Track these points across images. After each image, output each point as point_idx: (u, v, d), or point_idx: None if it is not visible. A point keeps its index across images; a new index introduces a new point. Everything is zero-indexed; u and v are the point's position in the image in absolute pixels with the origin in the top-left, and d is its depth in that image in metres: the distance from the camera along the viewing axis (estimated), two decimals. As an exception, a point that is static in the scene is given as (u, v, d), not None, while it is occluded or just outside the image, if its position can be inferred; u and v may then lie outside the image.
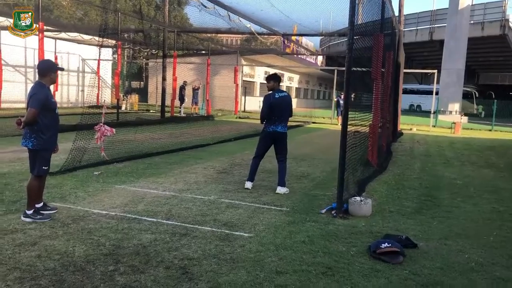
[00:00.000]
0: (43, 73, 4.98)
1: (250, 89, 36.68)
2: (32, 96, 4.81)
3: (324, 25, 25.34)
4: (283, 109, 6.96)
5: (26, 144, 4.92)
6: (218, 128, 16.29)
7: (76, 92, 27.81)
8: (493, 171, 10.35)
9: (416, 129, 23.21)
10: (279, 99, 6.93)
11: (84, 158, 8.14)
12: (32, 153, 4.97)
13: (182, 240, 4.52)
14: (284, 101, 6.98)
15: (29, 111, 4.75)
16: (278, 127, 6.97)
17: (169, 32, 20.61)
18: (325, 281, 3.72)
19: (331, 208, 5.96)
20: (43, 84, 4.95)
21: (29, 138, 4.88)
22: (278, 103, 6.90)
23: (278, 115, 6.92)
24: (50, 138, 4.97)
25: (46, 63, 5.24)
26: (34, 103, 4.75)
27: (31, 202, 4.95)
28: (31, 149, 4.92)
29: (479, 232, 5.40)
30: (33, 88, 4.91)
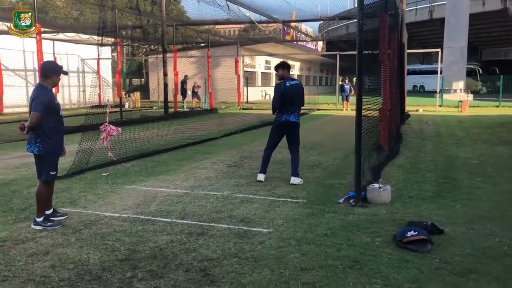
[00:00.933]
0: (46, 75, 4.78)
1: (251, 79, 36.42)
2: (34, 99, 4.61)
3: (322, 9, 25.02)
4: (295, 97, 6.76)
5: (32, 150, 4.72)
6: (223, 121, 16.09)
7: (78, 93, 27.62)
8: (508, 149, 10.12)
9: (423, 110, 22.95)
10: (291, 87, 6.72)
11: (91, 160, 7.97)
12: (39, 159, 4.78)
13: (199, 240, 4.35)
14: (296, 90, 6.77)
15: (33, 115, 4.55)
16: (290, 116, 6.78)
17: (168, 26, 20.34)
18: (353, 276, 3.53)
19: (349, 197, 5.78)
20: (44, 86, 4.74)
21: (34, 143, 4.68)
22: (290, 92, 6.70)
23: (290, 104, 6.72)
24: (56, 142, 4.78)
25: (50, 64, 5.04)
26: (37, 107, 4.55)
27: (40, 209, 4.78)
28: (37, 154, 4.73)
29: (505, 213, 5.20)
30: (34, 91, 4.72)
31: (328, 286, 3.37)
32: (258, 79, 39.64)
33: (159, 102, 27.72)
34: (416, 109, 22.95)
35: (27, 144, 4.79)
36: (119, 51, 15.26)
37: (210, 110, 23.34)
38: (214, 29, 34.29)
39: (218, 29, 40.13)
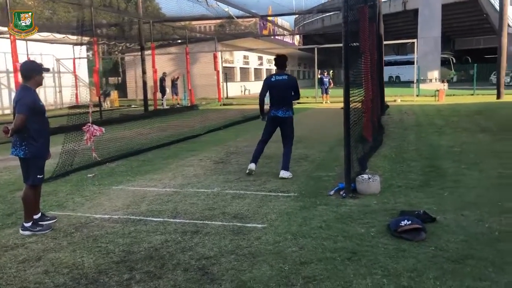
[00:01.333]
0: (27, 75, 4.62)
1: (230, 75, 36.28)
2: (18, 101, 4.47)
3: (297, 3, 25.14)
4: (282, 92, 6.79)
5: (17, 153, 4.58)
6: (205, 117, 15.99)
7: (54, 94, 27.05)
8: (488, 136, 10.32)
9: (401, 100, 23.27)
10: (276, 81, 6.80)
11: (75, 161, 7.80)
12: (25, 162, 4.63)
13: (194, 239, 4.31)
14: (281, 84, 6.80)
15: (17, 117, 4.41)
16: (278, 111, 6.84)
17: (144, 24, 20.06)
18: (353, 267, 3.55)
19: (339, 188, 5.81)
20: (28, 87, 4.60)
21: (20, 146, 4.54)
22: (275, 87, 6.78)
23: (277, 99, 6.79)
24: (42, 144, 4.64)
25: (29, 64, 4.86)
26: (22, 109, 4.41)
27: (28, 214, 4.65)
28: (23, 158, 4.59)
29: (492, 199, 5.30)
30: (18, 92, 4.61)
31: (329, 279, 3.37)
32: (237, 75, 39.53)
33: (138, 101, 27.39)
34: (394, 99, 23.24)
35: (11, 148, 4.65)
36: (96, 50, 14.96)
37: (190, 106, 23.17)
38: (191, 25, 33.97)
39: (194, 25, 39.77)
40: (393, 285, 3.25)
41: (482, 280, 3.26)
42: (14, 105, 4.53)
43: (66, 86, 27.22)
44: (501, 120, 13.42)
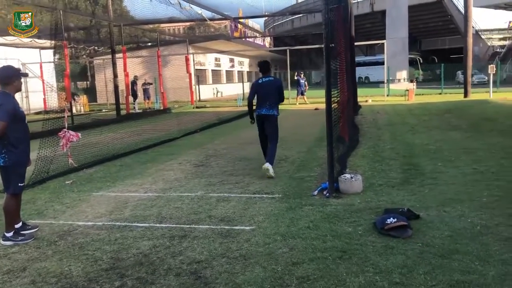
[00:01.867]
0: (6, 81, 4.49)
1: (202, 77, 36.11)
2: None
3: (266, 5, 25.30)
4: (267, 92, 7.16)
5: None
6: (180, 120, 15.86)
7: (20, 99, 26.29)
8: (459, 133, 10.62)
9: (372, 100, 23.64)
10: (263, 83, 7.23)
11: (51, 168, 7.60)
12: (4, 170, 4.50)
13: (183, 243, 4.27)
14: (267, 85, 7.20)
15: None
16: (262, 110, 7.18)
17: (114, 27, 19.74)
18: (345, 266, 3.59)
19: (322, 188, 5.87)
20: (7, 93, 4.47)
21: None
22: (262, 88, 7.20)
23: (262, 99, 7.18)
24: (22, 152, 4.52)
25: (7, 69, 4.64)
26: (2, 115, 4.28)
27: (9, 224, 4.54)
28: (2, 166, 4.45)
29: (471, 194, 5.46)
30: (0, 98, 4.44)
31: (323, 278, 3.40)
32: (209, 77, 39.38)
33: (109, 105, 26.96)
34: (366, 99, 23.60)
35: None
36: (66, 53, 14.64)
37: (163, 110, 22.92)
38: (160, 28, 33.64)
39: (163, 27, 39.40)
40: (385, 281, 3.30)
41: (470, 273, 3.36)
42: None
43: (33, 91, 26.52)
44: (470, 118, 13.82)
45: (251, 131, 13.11)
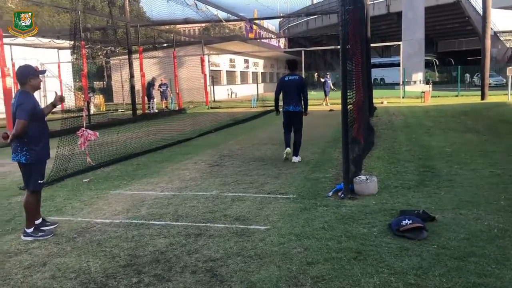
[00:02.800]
0: (21, 81, 4.55)
1: (216, 78, 36.26)
2: (18, 106, 4.42)
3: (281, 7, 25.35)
4: (291, 90, 8.00)
5: (19, 159, 4.53)
6: (195, 120, 15.97)
7: (39, 98, 26.67)
8: (476, 136, 10.52)
9: (387, 102, 23.51)
10: (288, 81, 8.06)
11: (69, 166, 7.73)
12: (26, 168, 4.60)
13: (199, 241, 4.32)
14: (293, 83, 8.03)
15: (18, 123, 4.38)
16: (290, 107, 8.08)
17: (131, 27, 19.96)
18: (359, 266, 3.60)
19: (337, 189, 5.88)
20: (26, 92, 4.55)
21: (20, 151, 4.49)
22: (286, 85, 8.06)
23: (288, 96, 8.03)
24: (42, 149, 4.61)
25: (21, 69, 4.66)
26: (22, 114, 4.37)
27: (30, 220, 4.61)
28: (24, 163, 4.54)
29: (488, 197, 5.42)
30: (17, 97, 4.52)
31: (337, 278, 3.42)
32: (223, 78, 39.52)
33: (124, 105, 27.22)
34: (381, 101, 23.48)
35: (12, 153, 4.59)
36: (84, 54, 14.85)
37: (178, 110, 23.08)
38: (176, 29, 33.91)
39: (179, 28, 39.70)
40: (400, 282, 3.31)
41: (487, 276, 3.35)
42: (14, 110, 4.46)
43: (50, 91, 26.89)
44: (487, 120, 13.68)
45: (265, 132, 13.18)
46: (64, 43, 24.45)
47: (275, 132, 12.97)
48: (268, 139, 11.47)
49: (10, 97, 12.72)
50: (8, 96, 12.48)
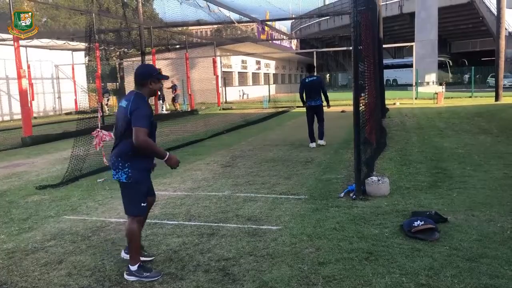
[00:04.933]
0: (141, 81, 3.71)
1: (228, 79, 36.39)
2: (134, 111, 3.53)
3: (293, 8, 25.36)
4: (312, 88, 9.97)
5: (119, 177, 3.68)
6: (207, 121, 16.07)
7: (53, 100, 27.08)
8: (489, 137, 10.44)
9: (400, 103, 23.39)
10: (309, 82, 10.03)
11: (84, 166, 7.85)
12: (127, 188, 3.73)
13: (211, 241, 4.37)
14: (312, 83, 10.00)
15: (138, 132, 3.48)
16: (311, 102, 10.03)
17: (144, 29, 20.15)
18: (371, 267, 3.62)
19: (348, 191, 5.89)
20: (142, 95, 3.70)
21: (122, 168, 3.64)
22: (308, 85, 10.02)
23: (309, 93, 9.98)
24: (146, 167, 3.79)
25: (143, 68, 3.91)
26: (142, 121, 3.51)
27: (134, 254, 3.70)
28: (124, 182, 3.69)
29: (501, 199, 5.39)
30: (133, 100, 3.60)
31: (349, 278, 3.44)
32: (235, 79, 39.64)
33: (137, 106, 27.39)
34: (393, 102, 23.37)
35: (113, 170, 3.74)
36: (98, 55, 15.04)
37: (190, 111, 23.22)
38: (188, 31, 34.11)
39: (191, 30, 39.92)
40: (412, 283, 3.32)
41: (499, 277, 3.34)
42: (127, 115, 3.56)
43: (64, 92, 27.29)
44: (501, 122, 13.56)
45: (277, 133, 13.21)
46: (78, 45, 24.76)
47: (286, 133, 13.03)
48: (279, 140, 11.51)
49: (26, 98, 12.93)
50: (24, 98, 12.66)
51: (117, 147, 3.69)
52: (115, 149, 3.71)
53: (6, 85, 23.24)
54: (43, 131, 14.88)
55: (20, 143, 12.44)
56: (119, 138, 3.68)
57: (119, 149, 3.66)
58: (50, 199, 6.24)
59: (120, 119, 3.65)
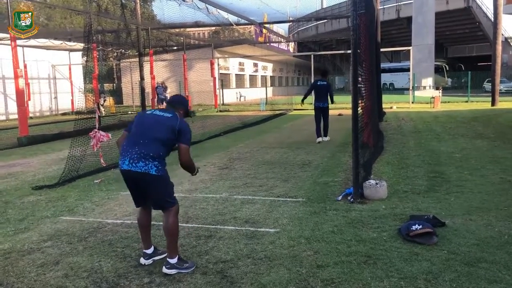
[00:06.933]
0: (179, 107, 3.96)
1: (225, 81, 36.38)
2: (184, 129, 3.75)
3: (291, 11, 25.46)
4: (321, 91, 11.26)
5: (147, 169, 3.65)
6: (204, 123, 16.05)
7: (50, 100, 26.98)
8: (486, 142, 10.47)
9: (397, 107, 23.44)
10: (319, 85, 11.31)
11: (81, 167, 7.82)
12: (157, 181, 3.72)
13: (209, 243, 4.36)
14: (322, 87, 11.26)
15: (187, 150, 3.78)
16: (320, 103, 11.27)
17: (142, 30, 20.08)
18: (369, 270, 3.62)
19: (346, 194, 5.89)
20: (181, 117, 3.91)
21: (152, 161, 3.67)
22: (318, 88, 11.32)
23: (319, 96, 11.27)
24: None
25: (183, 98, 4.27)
26: (189, 141, 3.82)
27: (175, 246, 3.76)
28: (154, 175, 3.68)
29: (498, 204, 5.40)
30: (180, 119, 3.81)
31: (347, 282, 3.43)
32: (232, 81, 39.64)
33: (134, 107, 27.40)
34: (390, 106, 23.41)
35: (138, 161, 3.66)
36: (95, 56, 14.99)
37: (187, 113, 23.13)
38: (186, 32, 34.11)
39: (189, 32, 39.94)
40: (410, 287, 3.32)
41: (497, 282, 3.34)
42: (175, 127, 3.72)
43: (61, 92, 27.19)
44: (497, 126, 13.60)
45: (274, 135, 13.21)
46: (76, 45, 24.69)
47: (284, 135, 13.03)
48: (277, 142, 11.50)
49: (23, 98, 12.87)
50: (21, 97, 12.61)
51: (148, 147, 3.69)
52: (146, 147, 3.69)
53: (2, 84, 23.14)
54: (40, 131, 14.82)
55: (16, 143, 12.38)
56: (153, 141, 3.71)
57: (153, 150, 3.69)
58: (46, 199, 6.21)
59: (163, 126, 3.74)
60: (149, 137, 3.73)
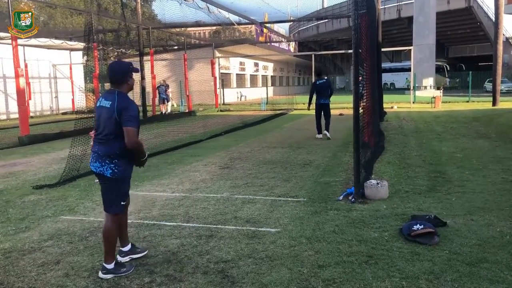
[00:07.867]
0: (121, 79, 3.67)
1: (226, 81, 36.37)
2: (123, 110, 3.51)
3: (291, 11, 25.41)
4: (322, 89, 11.87)
5: (103, 171, 3.64)
6: (205, 123, 16.04)
7: (50, 99, 26.97)
8: (487, 142, 10.45)
9: (397, 107, 23.41)
10: (319, 84, 11.94)
11: (81, 166, 7.81)
12: (110, 184, 3.70)
13: (210, 242, 4.35)
14: (322, 85, 11.92)
15: (130, 132, 3.50)
16: (321, 100, 11.87)
17: (143, 30, 20.11)
18: (371, 270, 3.61)
19: (347, 194, 5.88)
20: (125, 94, 3.67)
21: (109, 163, 3.61)
22: (319, 87, 11.90)
23: (320, 93, 11.85)
24: (129, 165, 3.78)
25: (120, 65, 3.82)
26: (133, 121, 3.53)
27: (110, 253, 3.70)
28: (109, 177, 3.66)
29: (500, 204, 5.39)
30: (117, 100, 3.56)
31: (349, 282, 3.43)
32: (233, 81, 39.62)
33: (135, 106, 27.32)
34: (391, 106, 23.39)
35: (95, 161, 3.69)
36: (96, 55, 14.99)
37: (188, 112, 23.18)
38: (186, 32, 34.11)
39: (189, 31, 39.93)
40: (412, 287, 3.31)
41: (500, 282, 3.33)
42: (116, 115, 3.52)
43: (62, 92, 27.18)
44: (499, 126, 13.57)
45: (275, 135, 13.20)
46: (76, 45, 24.69)
47: (284, 135, 13.02)
48: (278, 142, 11.49)
49: (24, 97, 12.86)
50: (22, 97, 12.60)
51: (104, 145, 3.64)
52: (101, 146, 3.65)
53: (3, 84, 23.13)
54: (40, 131, 14.82)
55: (17, 142, 12.38)
56: (105, 138, 3.63)
57: (107, 149, 3.63)
58: (47, 199, 6.20)
59: (105, 120, 3.60)
60: (102, 134, 3.66)
